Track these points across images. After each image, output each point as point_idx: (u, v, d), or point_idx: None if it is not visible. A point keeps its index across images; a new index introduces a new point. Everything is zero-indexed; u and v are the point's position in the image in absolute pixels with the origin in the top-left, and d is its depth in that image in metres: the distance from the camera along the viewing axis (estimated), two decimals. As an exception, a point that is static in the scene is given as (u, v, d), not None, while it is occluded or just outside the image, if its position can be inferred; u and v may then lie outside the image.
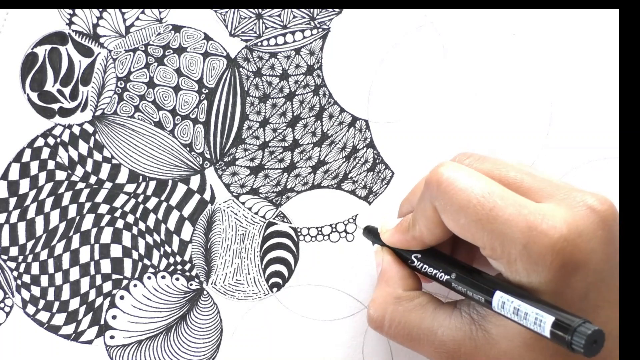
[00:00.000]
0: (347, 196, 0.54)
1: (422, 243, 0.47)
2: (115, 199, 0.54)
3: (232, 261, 0.54)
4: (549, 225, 0.41)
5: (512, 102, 0.54)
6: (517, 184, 0.44)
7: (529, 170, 0.45)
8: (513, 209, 0.42)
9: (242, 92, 0.54)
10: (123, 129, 0.54)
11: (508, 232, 0.41)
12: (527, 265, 0.41)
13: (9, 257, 0.53)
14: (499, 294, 0.41)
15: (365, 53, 0.54)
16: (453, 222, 0.43)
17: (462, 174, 0.43)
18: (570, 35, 0.54)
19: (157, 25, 0.54)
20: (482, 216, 0.42)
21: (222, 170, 0.54)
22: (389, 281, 0.48)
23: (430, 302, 0.46)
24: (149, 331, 0.54)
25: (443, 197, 0.43)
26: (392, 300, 0.47)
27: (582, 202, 0.42)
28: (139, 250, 0.54)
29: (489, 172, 0.45)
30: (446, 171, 0.44)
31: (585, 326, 0.38)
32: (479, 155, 0.47)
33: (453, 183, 0.43)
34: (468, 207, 0.42)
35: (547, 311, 0.39)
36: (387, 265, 0.48)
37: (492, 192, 0.42)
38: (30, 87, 0.54)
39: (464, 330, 0.44)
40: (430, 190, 0.44)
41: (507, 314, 0.41)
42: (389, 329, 0.46)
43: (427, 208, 0.45)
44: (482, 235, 0.42)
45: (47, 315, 0.53)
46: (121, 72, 0.54)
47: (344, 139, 0.54)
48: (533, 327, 0.40)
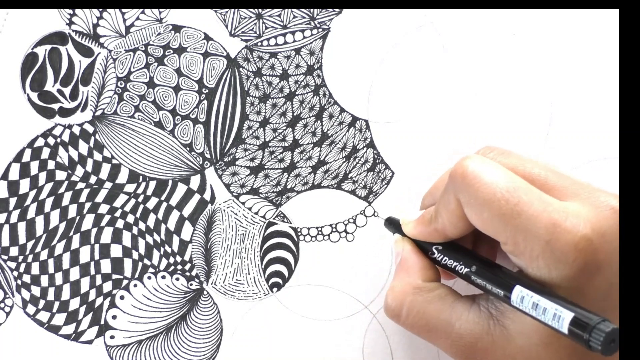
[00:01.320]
0: (347, 196, 0.54)
1: (444, 236, 0.46)
2: (115, 199, 0.54)
3: (232, 261, 0.54)
4: (573, 223, 0.41)
5: (512, 102, 0.54)
6: (542, 181, 0.44)
7: (554, 168, 0.45)
8: (538, 205, 0.41)
9: (242, 92, 0.54)
10: (123, 129, 0.54)
11: (532, 228, 0.41)
12: (550, 261, 0.41)
13: (9, 257, 0.53)
14: (518, 288, 0.41)
15: (365, 53, 0.54)
16: (476, 215, 0.43)
17: (487, 168, 0.43)
18: (570, 35, 0.54)
19: (157, 25, 0.54)
20: (506, 211, 0.42)
21: (222, 170, 0.54)
22: (409, 270, 0.47)
23: (450, 295, 0.46)
24: (149, 331, 0.54)
25: (467, 190, 0.43)
26: (411, 290, 0.46)
27: (606, 203, 0.42)
28: (139, 250, 0.54)
29: (513, 167, 0.45)
30: (471, 164, 0.43)
31: (604, 324, 0.38)
32: (503, 150, 0.47)
33: (478, 176, 0.43)
34: (492, 201, 0.42)
35: (566, 307, 0.39)
36: (408, 254, 0.48)
37: (517, 188, 0.42)
38: (31, 87, 0.54)
39: (481, 325, 0.43)
40: (454, 182, 0.44)
41: (525, 309, 0.41)
42: (406, 318, 0.46)
43: (450, 201, 0.44)
44: (505, 230, 0.42)
45: (47, 315, 0.53)
46: (121, 72, 0.54)
47: (344, 139, 0.54)
48: (551, 323, 0.39)
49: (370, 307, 0.54)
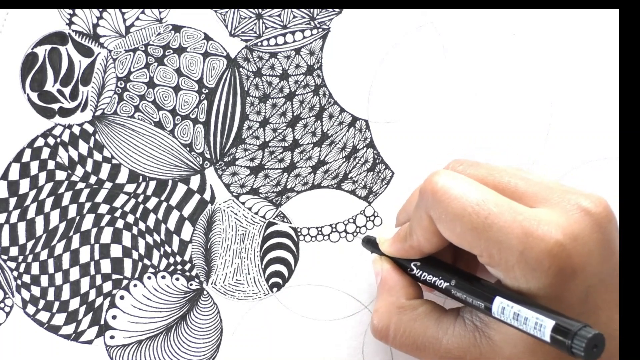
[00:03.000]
0: (347, 196, 0.54)
1: (420, 252, 0.47)
2: (115, 199, 0.54)
3: (232, 261, 0.54)
4: (545, 230, 0.41)
5: (512, 102, 0.54)
6: (512, 189, 0.44)
7: (524, 175, 0.45)
8: (508, 216, 0.41)
9: (242, 92, 0.54)
10: (123, 129, 0.54)
11: (504, 239, 0.41)
12: (525, 271, 0.41)
13: (9, 257, 0.53)
14: (498, 299, 0.41)
15: (365, 53, 0.54)
16: (449, 231, 0.43)
17: (456, 182, 0.43)
18: (570, 35, 0.54)
19: (157, 25, 0.54)
20: (478, 224, 0.42)
21: (222, 170, 0.54)
22: (390, 290, 0.47)
23: (434, 310, 0.46)
24: (149, 331, 0.54)
25: (438, 206, 0.43)
26: (395, 310, 0.47)
27: (576, 205, 0.42)
28: (139, 250, 0.54)
29: (483, 178, 0.45)
30: (440, 180, 0.43)
31: (585, 330, 0.38)
32: (471, 162, 0.47)
33: (447, 192, 0.43)
34: (463, 216, 0.42)
35: (547, 315, 0.39)
36: (387, 274, 0.48)
37: (487, 200, 0.42)
38: (30, 87, 0.54)
39: (468, 338, 0.44)
40: (425, 199, 0.44)
41: (507, 320, 0.41)
42: (394, 339, 0.46)
43: (422, 218, 0.44)
44: (479, 244, 0.42)
45: (47, 315, 0.53)
46: (121, 72, 0.54)
47: (344, 139, 0.54)
48: (533, 332, 0.39)
49: (370, 307, 0.54)
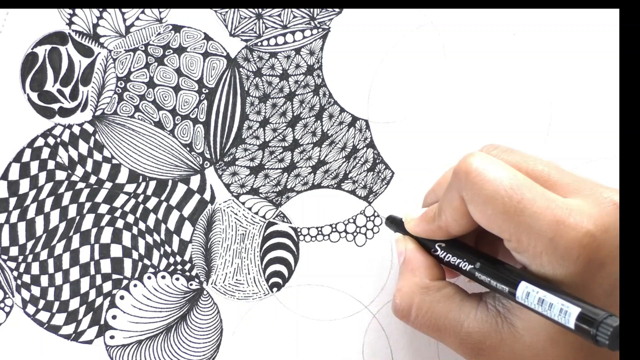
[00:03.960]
0: (347, 196, 0.54)
1: (447, 233, 0.46)
2: (115, 199, 0.54)
3: (232, 261, 0.54)
4: (577, 220, 0.41)
5: (512, 102, 0.54)
6: (545, 177, 0.44)
7: (557, 165, 0.45)
8: (541, 202, 0.41)
9: (242, 92, 0.54)
10: (123, 129, 0.54)
11: (535, 225, 0.41)
12: (553, 258, 0.41)
13: (9, 257, 0.53)
14: (523, 284, 0.41)
15: (365, 53, 0.54)
16: (480, 213, 0.43)
17: (491, 165, 0.43)
18: (570, 35, 0.54)
19: (157, 25, 0.54)
20: (510, 208, 0.42)
21: (222, 170, 0.54)
22: (414, 270, 0.47)
23: (457, 293, 0.46)
24: (149, 331, 0.54)
25: (471, 187, 0.43)
26: (419, 290, 0.46)
27: (609, 199, 0.42)
28: (139, 250, 0.54)
29: (516, 164, 0.45)
30: (475, 161, 0.43)
31: (611, 319, 0.38)
32: (505, 147, 0.47)
33: (482, 174, 0.43)
34: (496, 199, 0.42)
35: (572, 302, 0.39)
36: (411, 253, 0.48)
37: (521, 185, 0.42)
38: (30, 87, 0.54)
39: (489, 323, 0.44)
40: (458, 180, 0.44)
41: (530, 305, 0.41)
42: (415, 318, 0.46)
43: (454, 198, 0.44)
44: (509, 227, 0.42)
45: (47, 315, 0.53)
46: (121, 72, 0.54)
47: (344, 139, 0.54)
48: (557, 319, 0.39)
49: (370, 307, 0.54)
